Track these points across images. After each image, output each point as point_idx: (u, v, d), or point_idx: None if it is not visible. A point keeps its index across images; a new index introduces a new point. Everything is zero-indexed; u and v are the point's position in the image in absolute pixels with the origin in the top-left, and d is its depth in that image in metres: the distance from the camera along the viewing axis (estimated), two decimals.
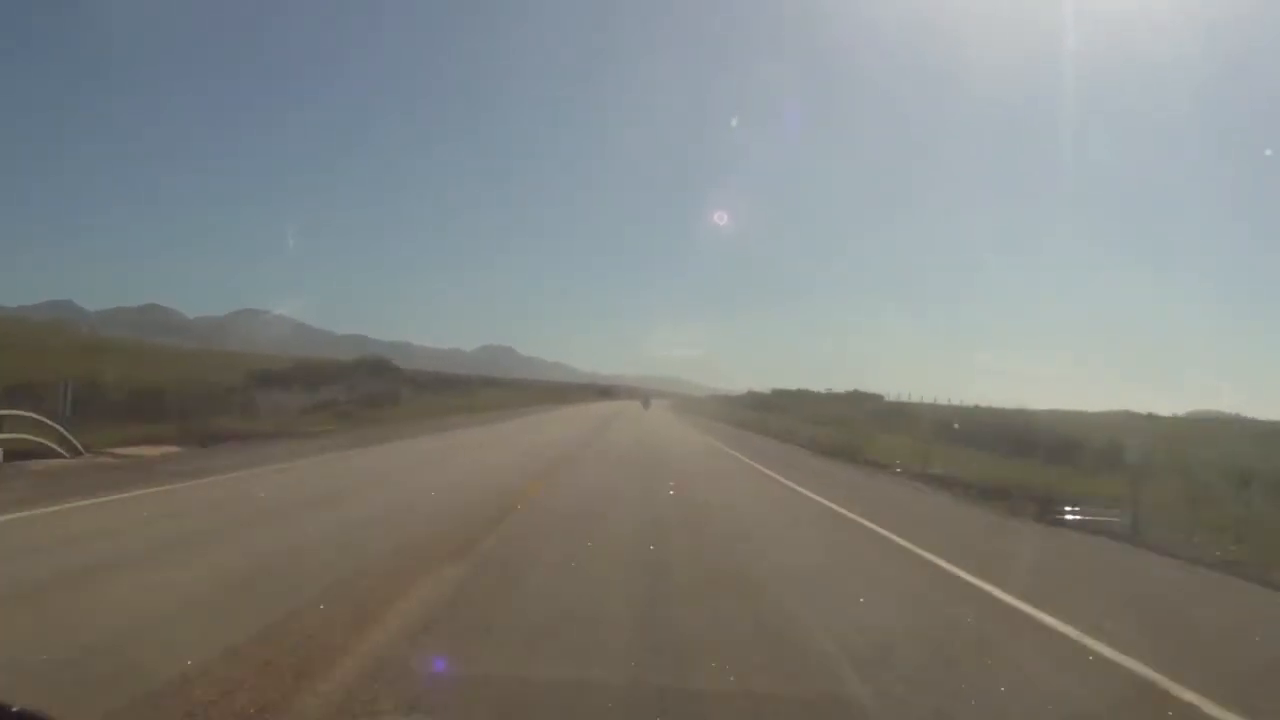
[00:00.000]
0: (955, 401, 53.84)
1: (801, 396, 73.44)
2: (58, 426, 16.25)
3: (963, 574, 8.22)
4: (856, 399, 58.64)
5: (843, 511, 12.76)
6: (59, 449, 15.73)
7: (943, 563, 8.74)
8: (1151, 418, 34.30)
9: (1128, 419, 31.69)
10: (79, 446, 16.22)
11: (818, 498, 14.53)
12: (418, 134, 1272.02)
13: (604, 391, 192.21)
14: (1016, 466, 19.22)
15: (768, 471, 19.71)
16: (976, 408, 42.33)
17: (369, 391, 38.70)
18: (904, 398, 51.15)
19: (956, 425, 28.62)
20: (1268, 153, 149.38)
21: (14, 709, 1.67)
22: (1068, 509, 13.03)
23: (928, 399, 44.35)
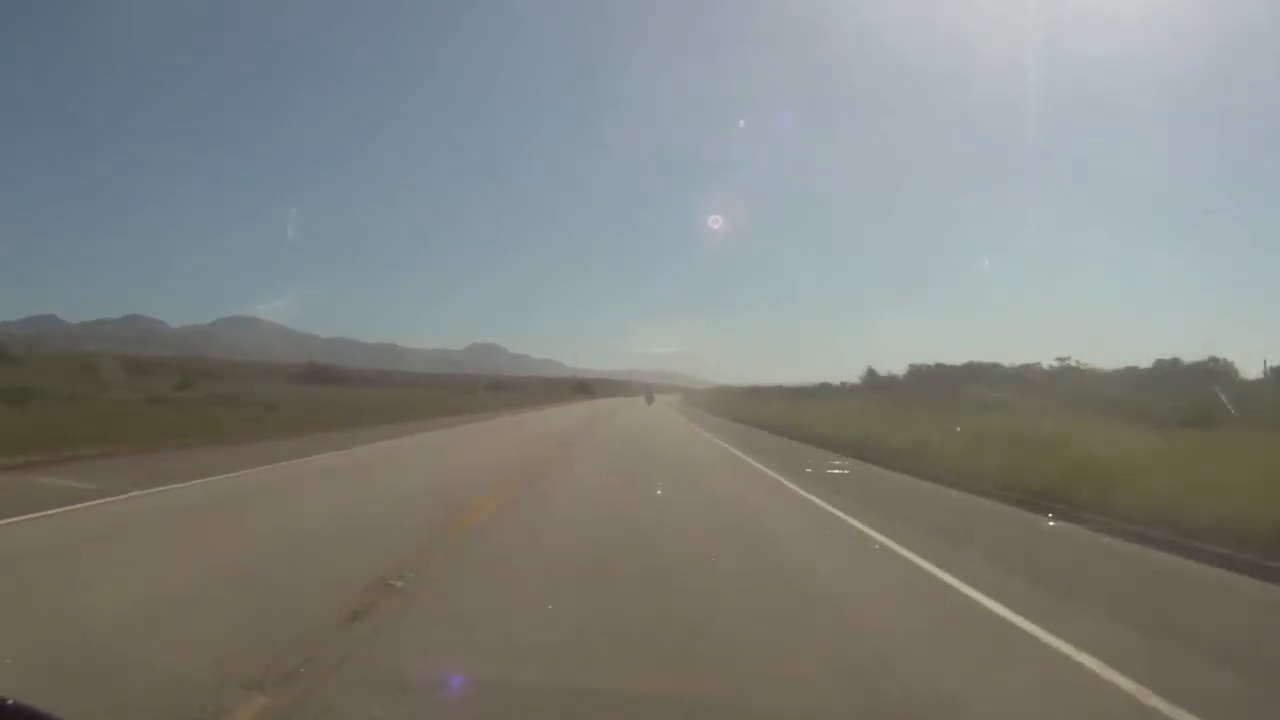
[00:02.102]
0: None
1: (999, 376, 42.08)
2: None
3: None
4: None
5: None
6: None
7: None
8: None
9: None
10: None
11: None
12: (402, 137, 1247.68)
13: (581, 388, 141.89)
14: None
15: None
16: None
17: None
18: None
19: None
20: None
21: (9, 702, 1.59)
22: None
23: None
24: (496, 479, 14.24)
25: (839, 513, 11.00)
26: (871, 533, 9.43)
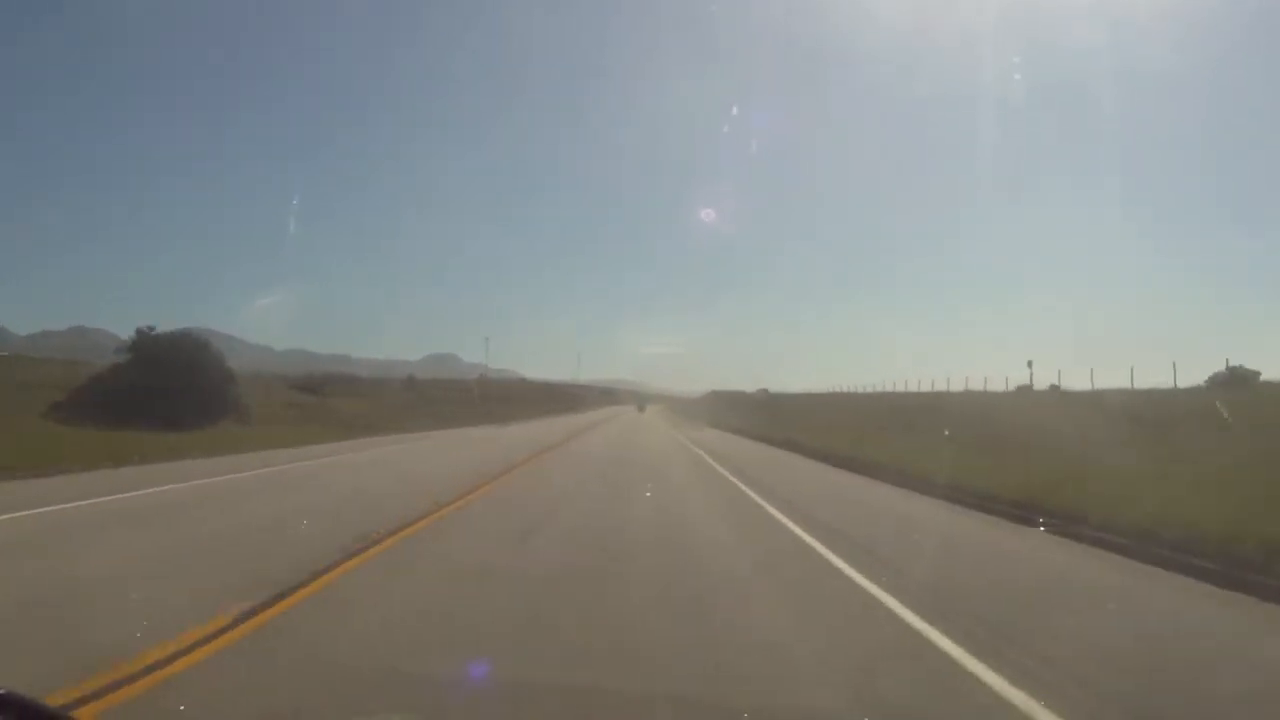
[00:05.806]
0: None
1: None
2: None
3: None
4: None
5: None
6: None
7: None
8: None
9: None
10: None
11: None
12: (355, 141, 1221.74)
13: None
14: None
15: None
16: None
17: None
18: None
19: None
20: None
21: (2, 692, 1.55)
22: None
23: None
24: None
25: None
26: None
